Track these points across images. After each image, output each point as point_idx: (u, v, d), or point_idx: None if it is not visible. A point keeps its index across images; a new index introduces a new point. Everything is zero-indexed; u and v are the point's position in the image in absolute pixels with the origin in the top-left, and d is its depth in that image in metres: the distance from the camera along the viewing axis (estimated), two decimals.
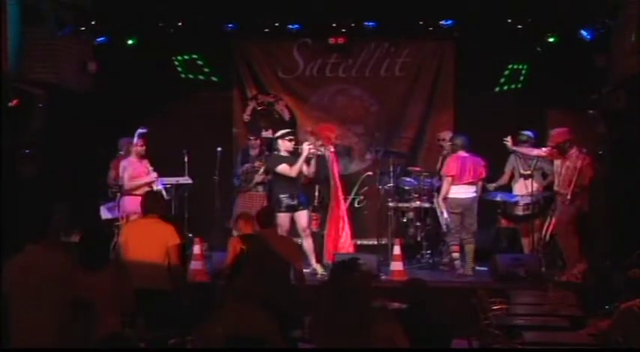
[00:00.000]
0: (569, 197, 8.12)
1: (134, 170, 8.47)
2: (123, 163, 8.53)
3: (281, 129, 9.31)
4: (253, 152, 9.42)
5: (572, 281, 7.89)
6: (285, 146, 8.49)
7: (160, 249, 5.91)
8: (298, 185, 8.51)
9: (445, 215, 8.60)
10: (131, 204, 8.33)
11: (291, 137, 8.60)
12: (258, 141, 9.49)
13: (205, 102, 10.35)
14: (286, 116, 10.32)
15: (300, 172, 8.42)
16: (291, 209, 8.38)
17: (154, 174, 8.54)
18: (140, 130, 8.53)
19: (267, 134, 9.90)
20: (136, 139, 8.50)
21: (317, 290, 4.66)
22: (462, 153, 8.68)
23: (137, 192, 8.34)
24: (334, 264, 5.35)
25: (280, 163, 8.41)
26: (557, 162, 8.35)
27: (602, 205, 8.68)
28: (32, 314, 4.45)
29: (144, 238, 5.97)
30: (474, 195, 8.72)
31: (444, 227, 8.66)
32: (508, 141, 8.68)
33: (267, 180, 9.03)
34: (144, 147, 8.54)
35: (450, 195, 8.62)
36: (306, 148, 8.42)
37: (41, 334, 4.41)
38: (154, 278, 5.79)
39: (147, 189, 8.29)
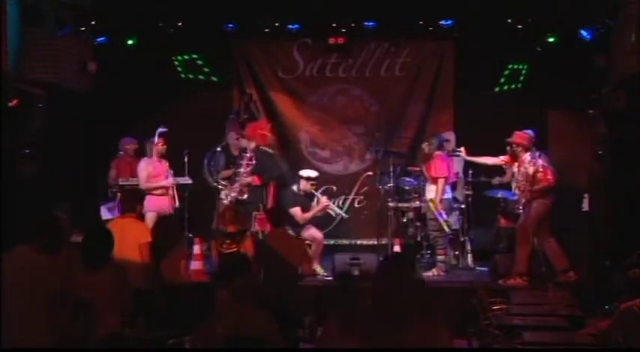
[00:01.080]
0: (522, 202, 8.12)
1: (154, 169, 8.48)
2: (142, 163, 8.51)
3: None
4: (236, 152, 9.37)
5: (568, 282, 7.87)
6: (304, 187, 8.70)
7: (135, 248, 6.00)
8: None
9: (445, 217, 8.54)
10: (154, 203, 8.35)
11: (314, 183, 8.78)
12: (239, 142, 9.44)
13: (205, 102, 10.34)
14: (256, 114, 10.26)
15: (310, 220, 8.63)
16: (298, 226, 8.49)
17: (172, 179, 8.52)
18: (160, 129, 8.53)
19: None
20: (156, 139, 8.50)
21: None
22: (442, 154, 8.71)
23: (157, 192, 8.39)
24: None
25: (295, 205, 8.59)
26: (514, 169, 8.32)
27: (602, 205, 8.67)
28: (26, 315, 4.46)
29: (122, 238, 6.03)
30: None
31: (448, 230, 8.56)
32: (461, 151, 8.66)
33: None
34: (165, 147, 8.55)
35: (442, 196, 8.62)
36: (324, 203, 8.67)
37: (34, 333, 4.41)
38: (135, 276, 5.83)
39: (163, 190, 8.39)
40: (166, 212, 8.35)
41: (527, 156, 8.15)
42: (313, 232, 8.59)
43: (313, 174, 8.87)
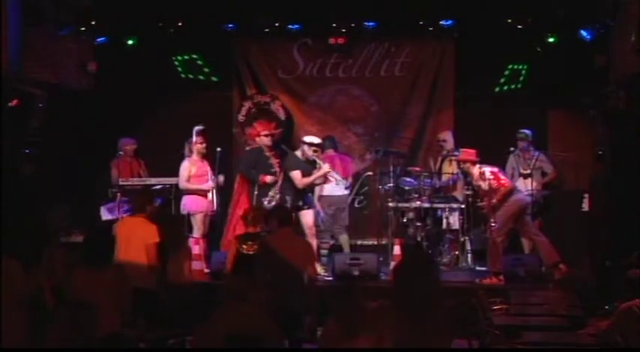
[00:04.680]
0: (491, 215, 8.20)
1: (198, 169, 8.52)
2: (185, 162, 8.54)
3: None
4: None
5: (562, 277, 7.87)
6: (307, 153, 8.56)
7: (141, 248, 6.01)
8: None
9: (322, 214, 8.93)
10: (193, 203, 8.42)
11: (317, 149, 8.62)
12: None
13: (205, 102, 10.33)
14: (282, 116, 10.27)
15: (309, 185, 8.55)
16: (296, 208, 8.43)
17: (212, 183, 8.51)
18: (197, 128, 8.54)
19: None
20: (194, 137, 8.51)
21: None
22: (331, 152, 9.11)
23: (198, 192, 8.47)
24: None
25: (296, 168, 8.47)
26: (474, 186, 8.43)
27: (603, 205, 8.67)
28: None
29: (130, 238, 6.07)
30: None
31: (321, 225, 8.92)
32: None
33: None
34: (204, 145, 8.55)
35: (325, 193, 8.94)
36: (325, 169, 8.49)
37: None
38: (139, 276, 5.85)
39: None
40: (208, 212, 8.48)
41: (475, 171, 8.22)
42: (307, 216, 8.49)
43: (316, 140, 8.75)
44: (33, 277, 4.80)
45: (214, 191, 8.58)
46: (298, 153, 8.71)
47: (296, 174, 8.44)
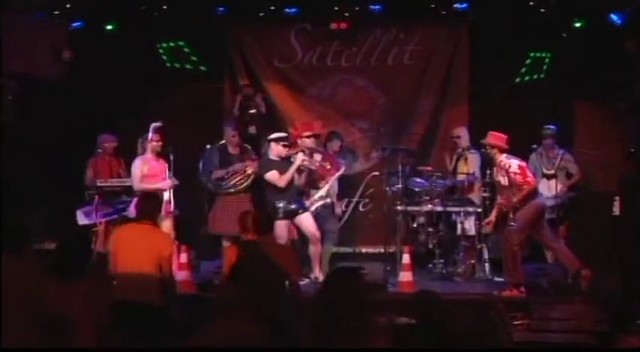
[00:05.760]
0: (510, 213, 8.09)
1: (150, 168, 8.44)
2: (137, 160, 8.47)
3: (260, 124, 9.33)
4: (234, 150, 9.37)
5: (590, 286, 7.86)
6: (277, 151, 8.50)
7: (153, 259, 5.97)
8: (294, 187, 8.51)
9: None
10: None
11: (285, 142, 8.59)
12: (237, 139, 9.43)
13: (193, 94, 10.34)
14: (263, 110, 10.22)
15: (291, 182, 8.43)
16: (290, 214, 8.39)
17: (169, 182, 8.47)
18: (155, 124, 8.50)
19: (251, 130, 9.91)
20: (150, 134, 8.45)
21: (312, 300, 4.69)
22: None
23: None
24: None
25: (270, 169, 8.43)
26: (496, 178, 8.35)
27: (635, 209, 8.66)
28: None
29: (136, 246, 6.02)
30: None
31: None
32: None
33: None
34: (160, 143, 8.50)
35: None
36: (300, 158, 8.44)
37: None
38: (145, 290, 5.85)
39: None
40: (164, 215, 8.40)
41: (503, 159, 8.11)
42: (305, 221, 8.48)
43: (282, 134, 8.78)
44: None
45: (172, 191, 8.53)
46: (268, 154, 8.65)
47: (272, 175, 8.38)
